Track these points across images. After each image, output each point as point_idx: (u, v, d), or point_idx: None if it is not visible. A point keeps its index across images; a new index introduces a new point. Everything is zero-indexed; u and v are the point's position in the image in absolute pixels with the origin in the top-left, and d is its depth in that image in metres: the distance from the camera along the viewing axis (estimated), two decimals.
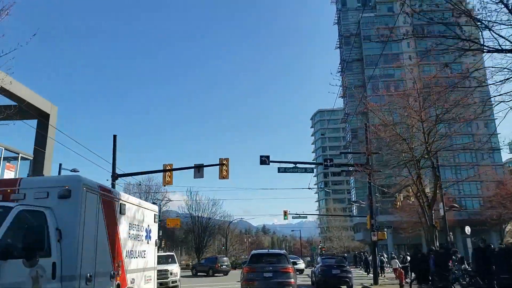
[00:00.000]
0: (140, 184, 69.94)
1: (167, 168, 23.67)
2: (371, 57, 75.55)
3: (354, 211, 75.54)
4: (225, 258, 39.75)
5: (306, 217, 51.13)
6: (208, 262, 37.53)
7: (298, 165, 23.02)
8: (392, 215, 65.37)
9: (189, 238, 71.70)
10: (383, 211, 69.79)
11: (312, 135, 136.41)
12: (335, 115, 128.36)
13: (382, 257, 31.78)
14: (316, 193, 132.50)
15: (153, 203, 65.25)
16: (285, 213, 49.69)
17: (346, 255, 53.21)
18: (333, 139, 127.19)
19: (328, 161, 22.56)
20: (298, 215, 51.30)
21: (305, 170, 23.48)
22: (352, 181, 74.17)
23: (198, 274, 36.76)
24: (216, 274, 34.74)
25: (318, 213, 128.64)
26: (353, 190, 73.69)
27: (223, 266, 36.48)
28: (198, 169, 23.60)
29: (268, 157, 22.89)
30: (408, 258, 24.18)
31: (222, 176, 23.17)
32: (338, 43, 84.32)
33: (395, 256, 32.91)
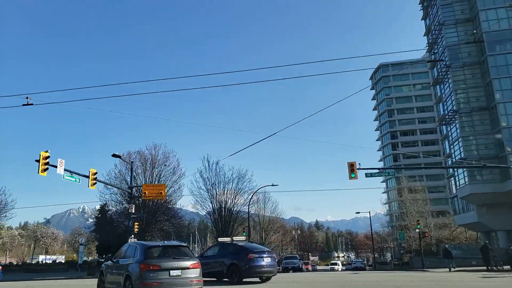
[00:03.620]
0: (141, 153, 48.45)
1: None
2: None
3: (458, 180, 47.35)
4: None
5: (389, 173, 26.53)
6: None
7: None
8: None
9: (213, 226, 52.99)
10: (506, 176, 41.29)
11: (373, 99, 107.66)
12: (403, 69, 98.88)
13: None
14: (380, 174, 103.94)
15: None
16: (352, 167, 24.91)
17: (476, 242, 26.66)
18: (403, 100, 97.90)
19: None
20: (373, 170, 26.02)
21: None
22: (455, 128, 45.73)
23: None
24: None
25: (389, 198, 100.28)
26: (458, 142, 45.32)
27: None
28: None
29: None
30: None
31: None
32: None
33: None
